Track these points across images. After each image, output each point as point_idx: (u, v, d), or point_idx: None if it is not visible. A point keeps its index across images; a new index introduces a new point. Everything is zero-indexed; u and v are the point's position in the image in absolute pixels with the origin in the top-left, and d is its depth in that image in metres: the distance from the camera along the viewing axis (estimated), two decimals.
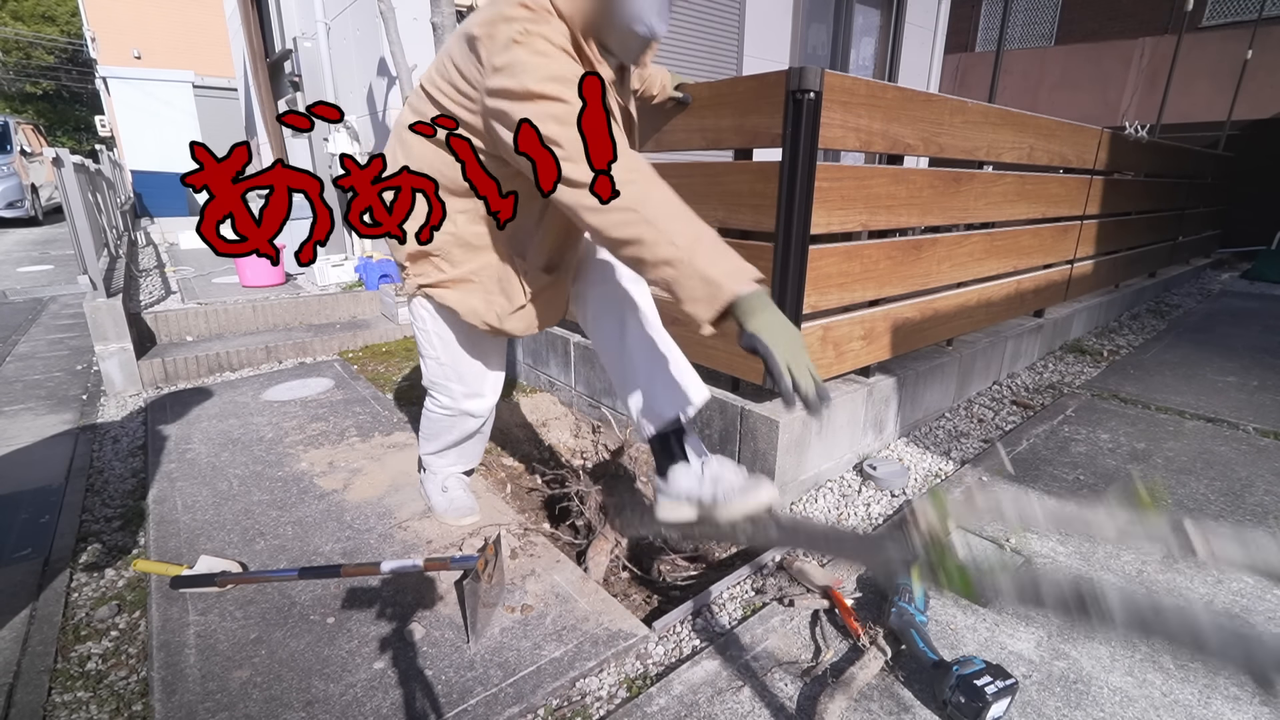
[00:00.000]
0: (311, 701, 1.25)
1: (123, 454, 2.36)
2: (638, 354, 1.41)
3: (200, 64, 12.68)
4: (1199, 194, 5.47)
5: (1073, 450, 2.34)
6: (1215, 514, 1.92)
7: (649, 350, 1.41)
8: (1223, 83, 8.08)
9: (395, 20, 3.13)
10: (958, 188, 2.30)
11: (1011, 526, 1.70)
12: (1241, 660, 0.63)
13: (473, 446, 1.87)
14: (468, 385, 1.64)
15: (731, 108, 1.81)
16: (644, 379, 1.40)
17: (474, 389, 1.65)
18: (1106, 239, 3.79)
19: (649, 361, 1.40)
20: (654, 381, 1.39)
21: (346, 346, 3.70)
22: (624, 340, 1.43)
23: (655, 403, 1.38)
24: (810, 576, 1.61)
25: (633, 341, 1.42)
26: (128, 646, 1.43)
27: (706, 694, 1.26)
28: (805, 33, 6.00)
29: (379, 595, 1.55)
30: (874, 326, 2.14)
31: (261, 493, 2.03)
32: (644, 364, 1.40)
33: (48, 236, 9.07)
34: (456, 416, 1.69)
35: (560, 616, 1.49)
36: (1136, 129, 6.89)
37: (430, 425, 1.77)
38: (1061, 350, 3.64)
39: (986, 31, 11.38)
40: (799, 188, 1.67)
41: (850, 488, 2.13)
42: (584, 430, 2.63)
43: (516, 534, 1.80)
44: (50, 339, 3.96)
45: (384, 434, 2.48)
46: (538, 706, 1.25)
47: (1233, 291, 5.59)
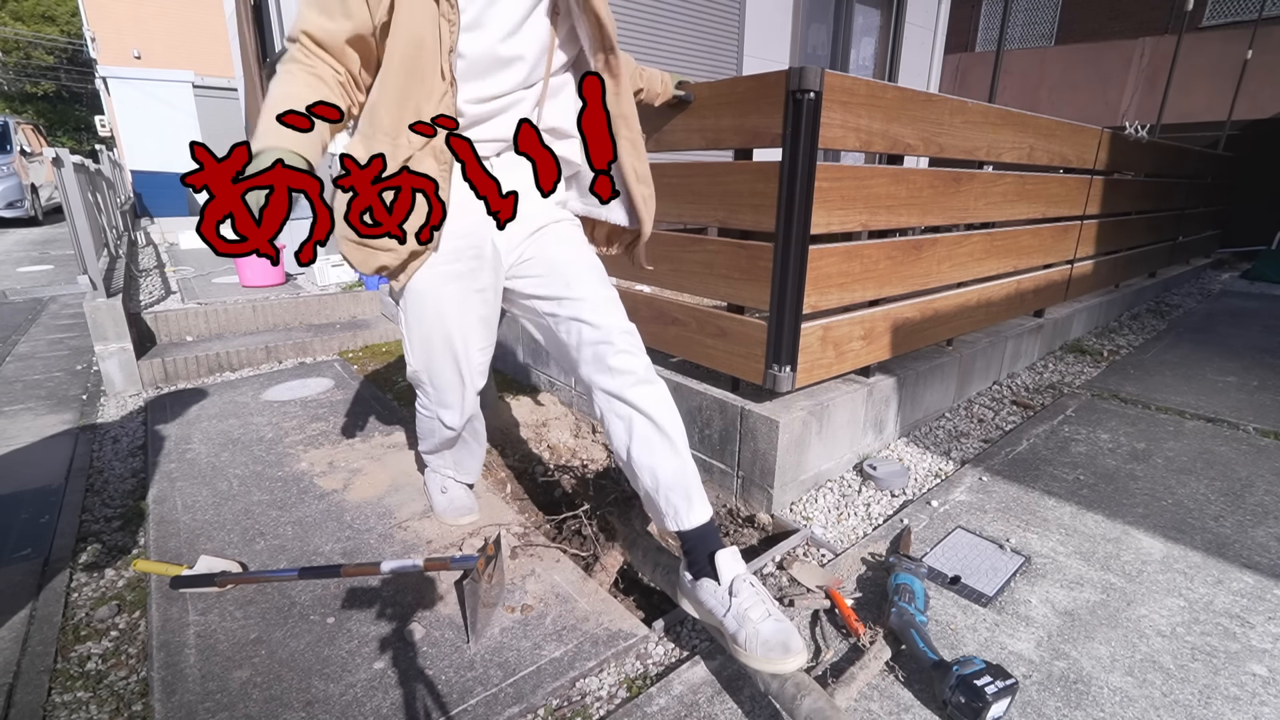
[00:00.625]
0: (311, 701, 1.25)
1: (123, 454, 2.36)
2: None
3: (200, 64, 12.68)
4: (1199, 194, 5.47)
5: (1073, 450, 2.34)
6: (1215, 514, 1.92)
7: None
8: (1223, 83, 8.08)
9: None
10: (958, 188, 2.30)
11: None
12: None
13: (466, 458, 1.84)
14: (440, 393, 1.54)
15: (731, 108, 1.81)
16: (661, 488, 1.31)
17: (445, 400, 1.56)
18: (1106, 239, 3.79)
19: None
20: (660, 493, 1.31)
21: (346, 346, 3.70)
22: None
23: (668, 507, 1.31)
24: (810, 576, 1.61)
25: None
26: (128, 646, 1.43)
27: (706, 694, 1.26)
28: (805, 33, 6.00)
29: (379, 595, 1.55)
30: (874, 326, 2.14)
31: (261, 493, 2.03)
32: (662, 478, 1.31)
33: (48, 236, 9.07)
34: (434, 420, 1.65)
35: (560, 616, 1.49)
36: (1136, 129, 6.89)
37: (419, 422, 1.76)
38: (1061, 350, 3.64)
39: (986, 31, 11.37)
40: (799, 188, 1.67)
41: (850, 488, 2.13)
42: (584, 430, 2.63)
43: (516, 534, 1.80)
44: (50, 339, 3.96)
45: (384, 434, 2.48)
46: (538, 706, 1.25)
47: (1233, 291, 5.59)
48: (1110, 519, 1.89)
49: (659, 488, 1.29)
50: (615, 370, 1.31)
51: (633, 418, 1.30)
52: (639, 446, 1.30)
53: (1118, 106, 9.68)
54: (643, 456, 1.30)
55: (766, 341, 1.84)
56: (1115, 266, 4.11)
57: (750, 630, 1.15)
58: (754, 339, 1.88)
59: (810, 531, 1.87)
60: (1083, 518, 1.90)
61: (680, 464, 1.30)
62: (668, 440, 1.30)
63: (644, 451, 1.29)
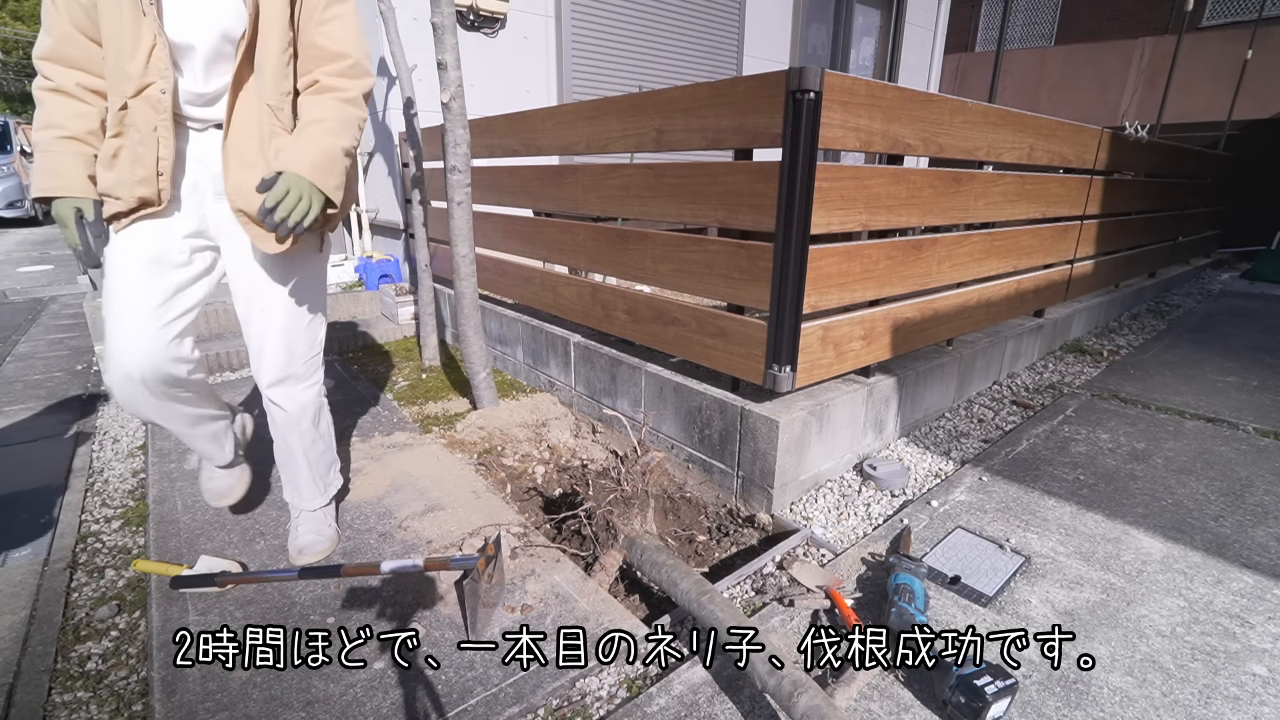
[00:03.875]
0: (311, 701, 1.25)
1: (123, 454, 2.36)
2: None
3: None
4: (1199, 194, 5.47)
5: (1073, 450, 2.34)
6: (1215, 514, 1.92)
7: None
8: (1223, 83, 8.08)
9: (395, 20, 3.13)
10: (958, 188, 2.30)
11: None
12: None
13: (189, 429, 1.62)
14: (108, 331, 1.40)
15: (731, 108, 1.81)
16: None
17: (108, 335, 1.40)
18: (1106, 239, 3.80)
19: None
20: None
21: (346, 346, 3.70)
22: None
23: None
24: (810, 576, 1.61)
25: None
26: (128, 646, 1.43)
27: (706, 694, 1.26)
28: (805, 33, 6.01)
29: (379, 595, 1.55)
30: (874, 326, 2.14)
31: (261, 492, 2.03)
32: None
33: (48, 236, 9.07)
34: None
35: (560, 616, 1.49)
36: (1136, 129, 6.89)
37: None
38: (1061, 350, 3.64)
39: (986, 31, 11.37)
40: (799, 188, 1.67)
41: (850, 488, 2.13)
42: (584, 430, 2.63)
43: (516, 534, 1.80)
44: (50, 339, 3.96)
45: (384, 434, 2.48)
46: (538, 706, 1.25)
47: (1233, 291, 5.60)
48: (1110, 519, 1.89)
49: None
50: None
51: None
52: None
53: (1118, 106, 9.68)
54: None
55: (766, 341, 1.84)
56: (1115, 266, 4.11)
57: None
58: (754, 339, 1.88)
59: (810, 531, 1.87)
60: (1083, 518, 1.90)
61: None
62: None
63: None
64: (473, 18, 4.10)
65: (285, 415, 1.63)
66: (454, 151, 2.38)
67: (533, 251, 2.93)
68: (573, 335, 2.74)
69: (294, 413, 1.63)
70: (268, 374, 1.57)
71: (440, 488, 2.07)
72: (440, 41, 2.28)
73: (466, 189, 2.44)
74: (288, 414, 1.63)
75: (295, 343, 1.57)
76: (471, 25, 4.13)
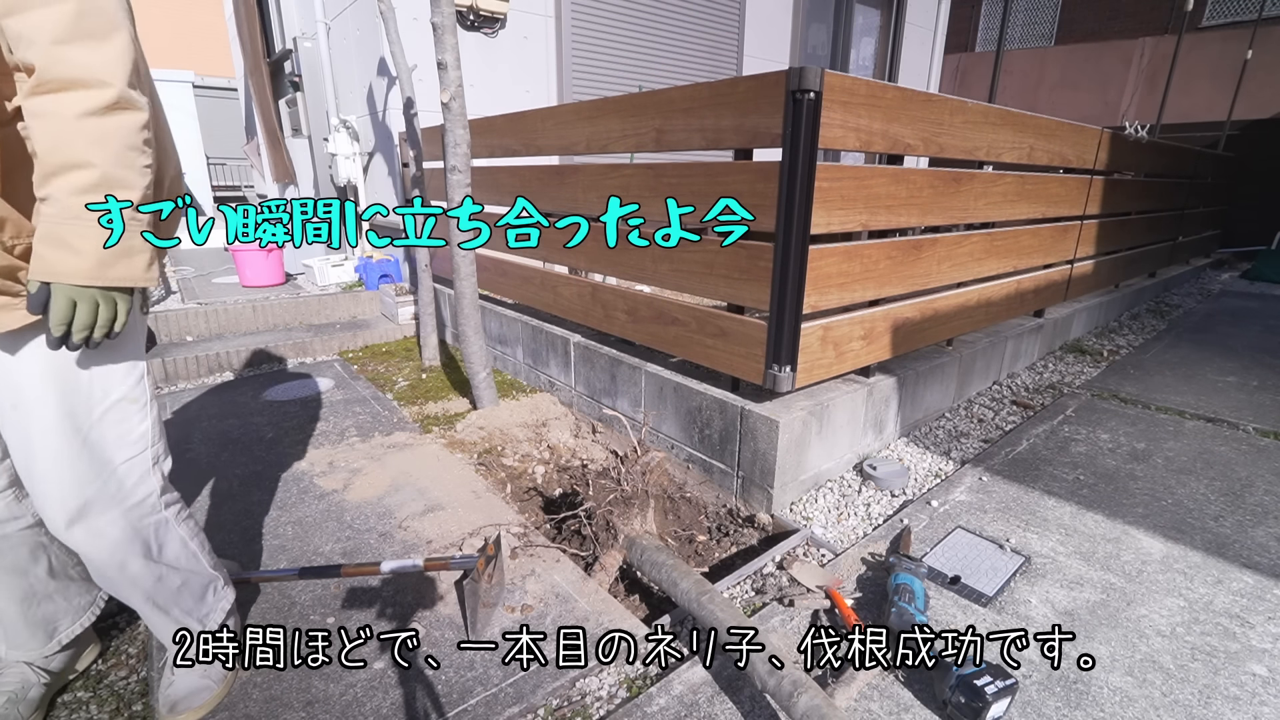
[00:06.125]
0: (311, 701, 1.25)
1: None
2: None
3: (200, 64, 12.69)
4: (1199, 194, 5.47)
5: (1073, 450, 2.34)
6: (1215, 514, 1.92)
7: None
8: (1223, 83, 8.08)
9: (395, 20, 3.13)
10: (958, 188, 2.30)
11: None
12: None
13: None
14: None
15: (731, 108, 1.81)
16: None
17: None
18: (1106, 239, 3.80)
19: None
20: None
21: (346, 346, 3.70)
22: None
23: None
24: (810, 576, 1.61)
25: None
26: (128, 646, 1.43)
27: (706, 694, 1.26)
28: (805, 33, 6.01)
29: (379, 595, 1.55)
30: (874, 326, 2.14)
31: (261, 493, 2.03)
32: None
33: None
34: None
35: (560, 616, 1.49)
36: (1136, 129, 6.89)
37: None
38: (1061, 350, 3.64)
39: (986, 31, 11.38)
40: (799, 187, 1.67)
41: (850, 488, 2.13)
42: (584, 430, 2.63)
43: (516, 534, 1.80)
44: None
45: (384, 434, 2.48)
46: (538, 706, 1.25)
47: (1233, 291, 5.60)
48: (1110, 519, 1.89)
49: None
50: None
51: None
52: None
53: (1118, 106, 9.69)
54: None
55: (766, 341, 1.84)
56: (1115, 266, 4.11)
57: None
58: (754, 339, 1.88)
59: (810, 531, 1.87)
60: (1083, 518, 1.90)
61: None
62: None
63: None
64: (473, 18, 4.10)
65: (104, 561, 1.07)
66: (454, 151, 2.39)
67: (533, 251, 2.93)
68: (573, 335, 2.74)
69: (112, 558, 1.07)
70: (53, 509, 1.01)
71: (440, 488, 2.07)
72: (440, 41, 2.28)
73: (466, 189, 2.44)
74: (106, 561, 1.07)
75: (95, 446, 1.03)
76: (471, 25, 4.13)
